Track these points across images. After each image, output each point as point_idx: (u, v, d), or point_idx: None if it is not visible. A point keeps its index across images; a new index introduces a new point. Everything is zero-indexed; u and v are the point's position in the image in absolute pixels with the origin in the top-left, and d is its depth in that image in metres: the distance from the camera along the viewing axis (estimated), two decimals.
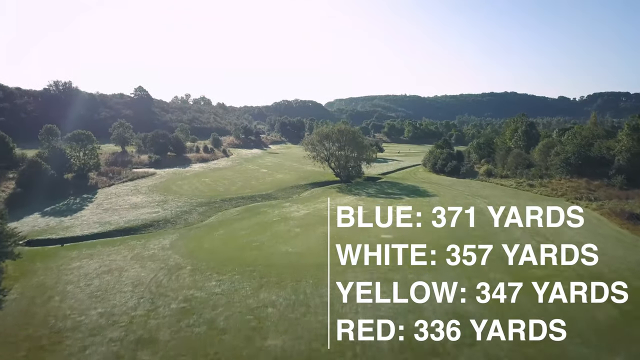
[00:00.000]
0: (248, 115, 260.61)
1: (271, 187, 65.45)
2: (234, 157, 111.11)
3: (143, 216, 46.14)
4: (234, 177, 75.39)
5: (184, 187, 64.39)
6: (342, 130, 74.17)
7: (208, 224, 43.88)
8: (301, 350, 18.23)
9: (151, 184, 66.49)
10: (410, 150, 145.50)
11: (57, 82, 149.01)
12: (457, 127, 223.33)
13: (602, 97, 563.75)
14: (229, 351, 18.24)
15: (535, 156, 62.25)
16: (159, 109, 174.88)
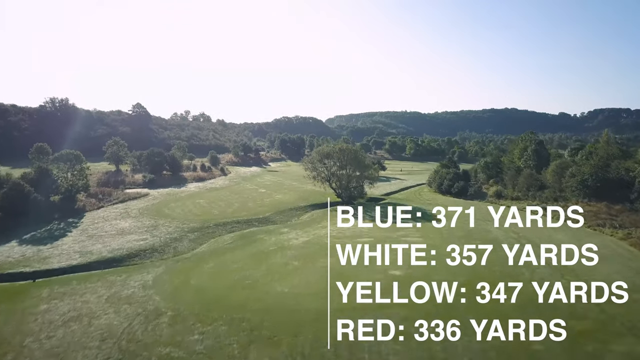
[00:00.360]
0: (248, 131, 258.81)
1: (269, 209, 61.93)
2: (232, 176, 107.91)
3: (129, 244, 42.49)
4: (231, 198, 71.93)
5: (176, 209, 60.86)
6: (344, 148, 71.08)
7: (198, 254, 40.15)
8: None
9: (143, 206, 63.01)
10: (412, 168, 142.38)
11: (53, 98, 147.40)
12: (459, 144, 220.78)
13: (603, 114, 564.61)
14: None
15: (548, 177, 58.77)
16: (157, 126, 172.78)
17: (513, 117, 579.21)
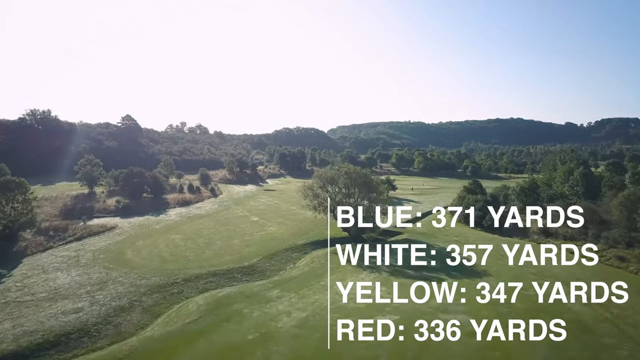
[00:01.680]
0: (247, 144, 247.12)
1: (258, 250, 49.45)
2: (223, 197, 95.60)
3: (53, 321, 29.98)
4: (214, 231, 59.51)
5: (142, 251, 48.45)
6: (351, 172, 58.64)
7: (145, 341, 27.51)
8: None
9: (102, 246, 50.68)
10: (424, 185, 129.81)
11: (34, 110, 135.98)
12: (469, 157, 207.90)
13: (611, 123, 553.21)
14: None
15: (614, 213, 45.97)
16: (147, 140, 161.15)
17: (519, 128, 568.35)
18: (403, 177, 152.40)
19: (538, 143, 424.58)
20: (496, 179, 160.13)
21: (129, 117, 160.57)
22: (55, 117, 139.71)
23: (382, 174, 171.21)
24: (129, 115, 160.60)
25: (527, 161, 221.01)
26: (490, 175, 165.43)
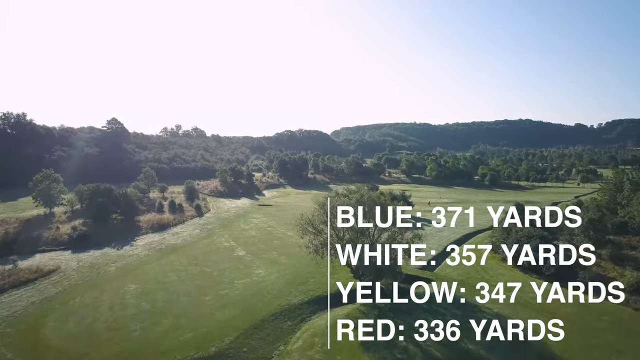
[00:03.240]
0: (245, 148, 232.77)
1: (235, 315, 35.00)
2: (209, 217, 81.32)
3: None
4: (183, 277, 45.15)
5: (69, 322, 34.03)
6: (363, 199, 44.08)
7: None
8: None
9: (18, 308, 36.47)
10: (441, 197, 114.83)
11: (7, 114, 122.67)
12: (483, 162, 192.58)
13: (622, 125, 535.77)
14: None
15: None
16: (134, 145, 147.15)
17: (527, 129, 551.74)
18: (415, 187, 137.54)
19: (548, 145, 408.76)
20: (518, 188, 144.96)
21: (114, 120, 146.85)
22: (31, 121, 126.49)
23: (392, 182, 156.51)
24: (114, 119, 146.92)
25: (547, 167, 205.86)
26: (510, 185, 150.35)
